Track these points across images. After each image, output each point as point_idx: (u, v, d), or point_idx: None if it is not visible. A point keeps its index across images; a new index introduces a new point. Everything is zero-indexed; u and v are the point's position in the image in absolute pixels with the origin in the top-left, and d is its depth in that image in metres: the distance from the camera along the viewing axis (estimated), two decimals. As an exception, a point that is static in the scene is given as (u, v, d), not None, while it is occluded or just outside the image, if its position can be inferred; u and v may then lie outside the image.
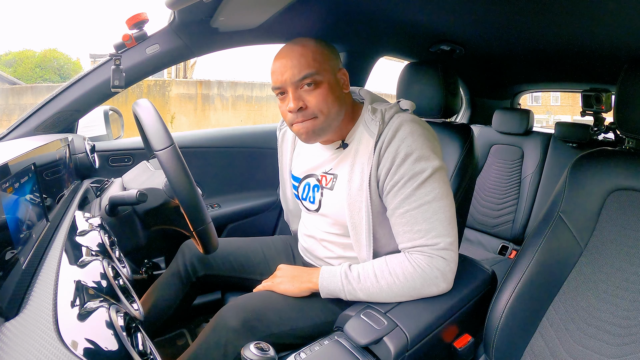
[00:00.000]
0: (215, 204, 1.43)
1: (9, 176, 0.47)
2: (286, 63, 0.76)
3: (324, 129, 0.79)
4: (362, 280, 0.76)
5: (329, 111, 0.77)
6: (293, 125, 0.79)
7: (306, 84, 0.76)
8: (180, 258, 1.00)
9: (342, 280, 0.78)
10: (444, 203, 0.74)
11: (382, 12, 1.15)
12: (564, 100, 15.21)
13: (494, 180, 2.03)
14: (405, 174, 0.74)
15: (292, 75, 0.75)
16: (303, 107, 0.76)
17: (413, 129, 0.75)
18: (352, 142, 0.83)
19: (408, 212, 0.74)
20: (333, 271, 0.80)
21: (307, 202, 0.92)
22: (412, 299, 0.76)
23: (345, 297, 0.78)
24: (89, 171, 1.04)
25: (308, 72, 0.75)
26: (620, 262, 0.70)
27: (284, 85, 0.77)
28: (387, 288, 0.75)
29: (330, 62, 0.79)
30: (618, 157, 0.75)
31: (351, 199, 0.79)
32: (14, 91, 7.36)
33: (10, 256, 0.43)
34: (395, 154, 0.74)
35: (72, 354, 0.36)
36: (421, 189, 0.73)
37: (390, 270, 0.75)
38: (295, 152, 0.98)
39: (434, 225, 0.73)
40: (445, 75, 1.11)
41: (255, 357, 0.58)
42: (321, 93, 0.76)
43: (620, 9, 0.92)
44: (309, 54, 0.77)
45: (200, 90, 8.41)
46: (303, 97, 0.77)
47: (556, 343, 0.72)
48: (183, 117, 8.24)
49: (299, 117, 0.77)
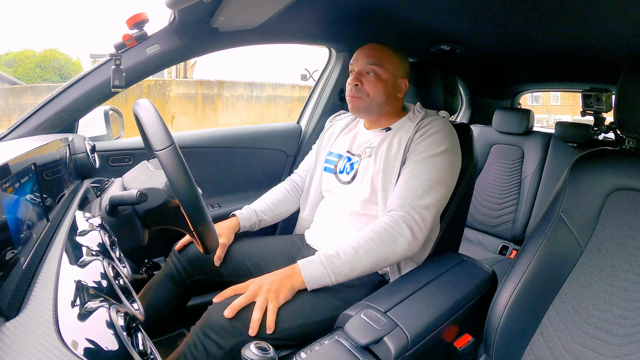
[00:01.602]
0: (215, 203, 1.43)
1: (9, 176, 0.47)
2: (364, 52, 1.01)
3: (367, 110, 1.02)
4: (341, 256, 0.82)
5: (374, 98, 1.00)
6: (349, 97, 1.02)
7: (369, 71, 0.99)
8: (174, 260, 1.00)
9: (322, 263, 0.82)
10: (443, 177, 0.89)
11: (383, 12, 1.15)
12: (564, 100, 15.19)
13: (494, 180, 2.03)
14: (425, 146, 0.92)
15: (362, 59, 1.01)
16: (359, 85, 1.00)
17: (445, 123, 0.96)
18: (394, 127, 1.03)
19: (412, 171, 0.90)
20: (311, 260, 0.83)
21: (343, 175, 1.04)
22: (393, 260, 0.84)
23: (331, 281, 0.81)
24: (89, 171, 1.04)
25: (373, 61, 0.99)
26: (620, 261, 0.70)
27: (354, 66, 1.02)
28: (366, 254, 0.82)
29: (395, 68, 1.01)
30: (618, 157, 0.75)
31: (387, 163, 0.95)
32: (14, 91, 7.36)
33: (11, 256, 0.43)
34: (427, 130, 0.94)
35: (72, 354, 0.36)
36: (430, 160, 0.90)
37: (365, 237, 0.84)
38: (343, 133, 1.14)
39: (424, 187, 0.87)
40: (445, 74, 1.11)
41: (255, 357, 0.57)
42: (375, 83, 0.99)
43: (620, 9, 0.92)
44: (380, 53, 1.00)
45: (200, 90, 8.42)
46: (362, 79, 1.00)
47: (556, 343, 0.72)
48: (183, 117, 8.24)
49: (353, 90, 1.00)
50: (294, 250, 1.07)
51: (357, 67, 1.01)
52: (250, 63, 26.57)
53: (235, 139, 1.50)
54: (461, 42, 1.47)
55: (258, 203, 1.15)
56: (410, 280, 0.83)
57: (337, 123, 1.18)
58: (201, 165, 1.41)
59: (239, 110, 8.82)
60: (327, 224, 1.04)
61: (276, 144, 1.56)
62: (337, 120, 1.20)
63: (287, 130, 1.62)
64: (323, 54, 1.60)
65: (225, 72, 22.59)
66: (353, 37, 1.35)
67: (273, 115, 9.07)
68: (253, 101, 9.05)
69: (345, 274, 0.81)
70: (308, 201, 1.13)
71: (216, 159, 1.45)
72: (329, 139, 1.15)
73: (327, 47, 1.54)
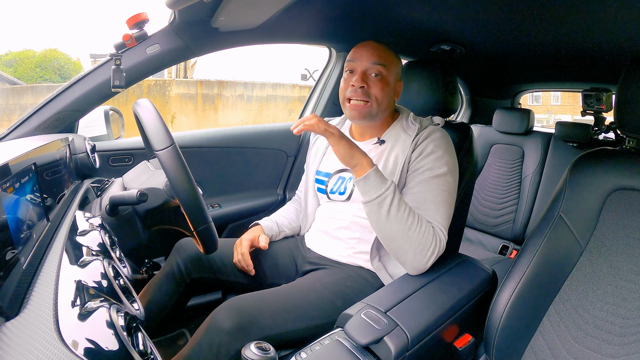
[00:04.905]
0: (215, 203, 1.43)
1: (9, 176, 0.47)
2: (367, 49, 0.92)
3: (372, 115, 0.93)
4: (401, 201, 0.80)
5: (381, 102, 0.91)
6: (350, 102, 0.91)
7: (374, 72, 0.90)
8: (175, 259, 1.00)
9: (391, 183, 0.80)
10: (449, 199, 0.87)
11: (383, 12, 1.15)
12: (564, 100, 15.19)
13: (495, 180, 2.03)
14: (427, 164, 0.88)
15: (367, 58, 0.90)
16: (364, 87, 0.90)
17: (442, 136, 0.92)
18: (388, 139, 0.96)
19: (420, 193, 0.87)
20: (382, 175, 0.82)
21: (335, 195, 1.00)
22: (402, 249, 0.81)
23: (378, 194, 0.78)
24: (90, 171, 1.04)
25: (380, 61, 0.90)
26: (620, 261, 0.70)
27: (356, 66, 0.92)
28: (407, 227, 0.79)
29: (396, 69, 0.95)
30: (618, 156, 0.75)
31: None
32: (14, 91, 7.36)
33: (11, 256, 0.43)
34: (425, 147, 0.89)
35: (72, 354, 0.36)
36: (435, 180, 0.87)
37: (420, 218, 0.81)
38: (329, 148, 1.06)
39: (438, 210, 0.85)
40: (444, 74, 1.11)
41: (256, 357, 0.57)
42: (381, 86, 0.91)
43: (620, 9, 0.92)
44: (385, 53, 0.92)
45: (200, 90, 8.41)
46: (368, 81, 0.90)
47: (557, 342, 0.72)
48: (183, 117, 8.24)
49: (358, 92, 0.90)
50: (295, 249, 1.07)
51: (360, 67, 0.91)
52: (250, 63, 26.59)
53: (235, 139, 1.50)
54: (461, 42, 1.47)
55: (275, 216, 1.12)
56: (410, 280, 0.83)
57: (322, 137, 1.09)
58: (201, 165, 1.41)
59: (239, 110, 8.82)
60: (325, 230, 1.02)
61: (276, 144, 1.56)
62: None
63: (287, 130, 1.62)
64: (323, 54, 1.60)
65: (226, 72, 22.61)
66: (353, 37, 1.35)
67: (273, 115, 9.07)
68: (253, 101, 9.04)
69: (383, 211, 0.79)
70: (308, 221, 1.10)
71: (216, 159, 1.45)
72: (315, 155, 1.08)
73: (327, 47, 1.55)
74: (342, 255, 0.97)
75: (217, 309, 0.79)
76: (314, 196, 1.08)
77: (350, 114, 0.93)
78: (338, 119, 1.10)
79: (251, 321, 0.76)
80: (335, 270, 0.94)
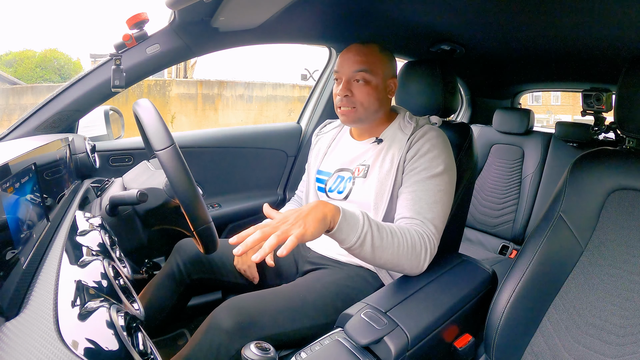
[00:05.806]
0: (215, 203, 1.43)
1: (9, 176, 0.47)
2: (349, 57, 0.93)
3: (362, 119, 0.96)
4: (380, 229, 0.75)
5: (368, 107, 0.93)
6: (340, 108, 0.95)
7: (357, 79, 0.92)
8: (175, 259, 0.99)
9: (364, 218, 0.73)
10: (445, 199, 0.87)
11: (383, 12, 1.15)
12: (564, 100, 15.17)
13: (495, 180, 2.03)
14: (423, 164, 0.88)
15: (349, 66, 0.92)
16: (349, 95, 0.92)
17: (438, 135, 0.92)
18: (386, 139, 0.97)
19: (415, 192, 0.86)
20: (353, 209, 0.76)
21: (334, 194, 1.00)
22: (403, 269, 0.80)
23: (357, 236, 0.72)
24: (90, 171, 1.04)
25: (362, 67, 0.91)
26: (621, 261, 0.70)
27: (341, 74, 0.94)
28: (396, 248, 0.76)
29: (384, 69, 0.94)
30: (618, 156, 0.75)
31: (380, 182, 0.92)
32: (14, 91, 7.36)
33: (11, 256, 0.43)
34: (421, 146, 0.90)
35: (72, 354, 0.36)
36: (431, 180, 0.87)
37: (402, 232, 0.79)
38: (330, 148, 1.08)
39: (431, 210, 0.85)
40: (444, 74, 1.11)
41: (256, 357, 0.57)
42: (366, 90, 0.92)
43: (620, 9, 0.92)
44: (369, 56, 0.92)
45: (200, 90, 8.41)
46: (352, 88, 0.93)
47: (557, 343, 0.72)
48: (183, 117, 8.24)
49: (343, 101, 0.93)
50: (295, 249, 1.07)
51: (344, 76, 0.93)
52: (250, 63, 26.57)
53: (235, 139, 1.50)
54: (461, 42, 1.47)
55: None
56: (410, 280, 0.83)
57: (324, 137, 1.12)
58: (201, 165, 1.41)
59: (239, 110, 8.82)
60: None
61: (276, 144, 1.56)
62: (323, 133, 1.14)
63: (287, 130, 1.62)
64: (323, 54, 1.60)
65: (226, 72, 22.59)
66: (353, 37, 1.35)
67: (273, 115, 9.07)
68: (253, 101, 9.04)
69: (367, 242, 0.73)
70: None
71: (216, 159, 1.45)
72: (317, 155, 1.09)
73: (327, 47, 1.55)
74: (342, 254, 0.97)
75: (217, 309, 0.79)
76: (314, 196, 1.08)
77: (341, 119, 0.98)
78: (337, 121, 1.12)
79: (251, 321, 0.76)
80: (335, 270, 0.94)
